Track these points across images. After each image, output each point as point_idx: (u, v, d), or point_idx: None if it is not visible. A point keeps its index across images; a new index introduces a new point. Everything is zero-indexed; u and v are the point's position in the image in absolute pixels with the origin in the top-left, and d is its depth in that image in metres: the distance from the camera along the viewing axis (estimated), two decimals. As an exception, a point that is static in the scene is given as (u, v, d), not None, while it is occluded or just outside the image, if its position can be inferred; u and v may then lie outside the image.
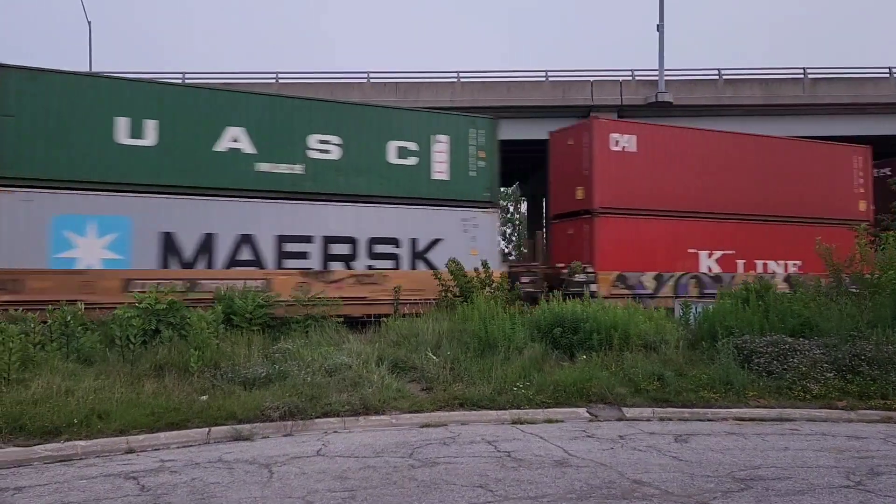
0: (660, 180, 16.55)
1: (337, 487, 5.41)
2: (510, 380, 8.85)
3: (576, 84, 27.33)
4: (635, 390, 8.87)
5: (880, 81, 27.42)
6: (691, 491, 5.37)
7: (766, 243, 17.68)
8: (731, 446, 6.88)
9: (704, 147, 17.48)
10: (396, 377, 9.01)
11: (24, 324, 9.21)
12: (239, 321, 10.78)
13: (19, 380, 7.91)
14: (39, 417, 6.86)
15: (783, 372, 9.21)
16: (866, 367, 9.23)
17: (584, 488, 5.39)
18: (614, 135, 16.19)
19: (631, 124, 17.49)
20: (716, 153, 17.52)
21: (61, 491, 5.39)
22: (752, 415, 8.29)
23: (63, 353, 9.06)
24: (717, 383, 9.02)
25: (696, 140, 17.51)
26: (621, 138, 16.22)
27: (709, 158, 17.32)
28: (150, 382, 8.31)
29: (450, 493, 5.26)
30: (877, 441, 7.18)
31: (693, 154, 17.16)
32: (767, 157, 18.12)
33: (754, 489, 5.42)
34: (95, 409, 7.17)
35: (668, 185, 16.69)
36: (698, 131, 18.31)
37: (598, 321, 10.35)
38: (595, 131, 16.10)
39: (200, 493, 5.29)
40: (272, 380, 8.50)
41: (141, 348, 9.36)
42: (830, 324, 10.49)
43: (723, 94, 27.06)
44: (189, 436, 7.00)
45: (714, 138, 18.03)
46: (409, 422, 7.74)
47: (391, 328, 11.09)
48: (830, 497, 5.23)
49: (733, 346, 9.73)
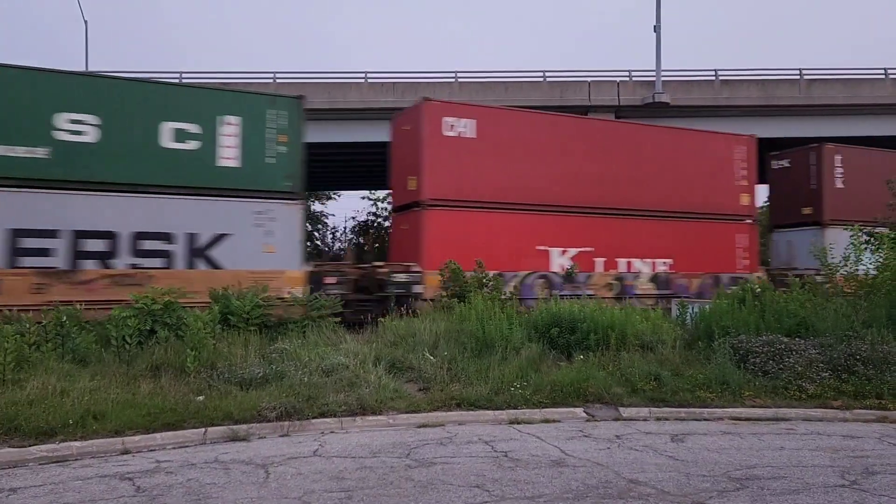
0: (504, 169, 14.89)
1: (333, 488, 5.41)
2: (507, 380, 8.85)
3: (573, 84, 27.35)
4: (632, 390, 8.88)
5: (876, 82, 27.51)
6: (687, 490, 5.38)
7: (631, 240, 16.26)
8: (727, 446, 6.90)
9: (559, 133, 15.82)
10: (393, 377, 9.00)
11: (19, 324, 9.18)
12: (236, 321, 10.76)
13: (14, 380, 7.88)
14: (34, 418, 6.83)
15: (779, 372, 9.23)
16: (861, 366, 9.25)
17: (581, 488, 5.40)
18: (449, 118, 14.43)
19: (471, 107, 15.54)
20: (573, 141, 15.92)
21: (56, 492, 5.37)
22: (748, 414, 8.30)
23: (58, 354, 9.03)
24: (713, 383, 9.03)
25: (548, 125, 15.84)
26: (458, 122, 14.49)
27: (565, 146, 15.70)
28: (146, 383, 8.29)
29: (446, 493, 5.26)
30: (872, 440, 7.20)
31: (545, 141, 15.49)
32: (634, 145, 16.63)
33: (750, 488, 5.44)
34: (91, 410, 7.15)
35: (514, 175, 14.98)
36: (551, 115, 16.68)
37: (595, 321, 10.36)
38: (425, 114, 14.32)
39: (196, 494, 5.28)
40: (269, 380, 8.49)
41: (137, 349, 9.33)
42: (826, 324, 10.52)
43: (720, 95, 27.11)
44: (185, 436, 6.98)
45: (571, 124, 16.56)
46: (406, 422, 7.74)
47: (389, 328, 11.09)
48: (826, 496, 5.25)
49: (729, 346, 9.75)
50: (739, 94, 27.15)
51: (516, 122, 15.48)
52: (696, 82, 27.55)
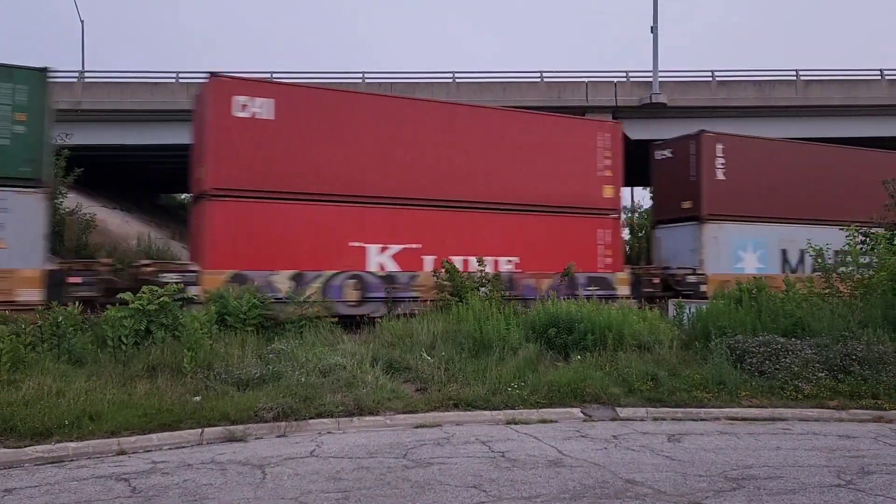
0: (310, 156, 13.03)
1: (330, 488, 5.40)
2: (505, 380, 8.85)
3: (571, 85, 27.40)
4: (629, 390, 8.89)
5: (872, 83, 27.60)
6: (684, 490, 5.38)
7: (469, 236, 14.22)
8: (723, 446, 6.91)
9: (383, 117, 13.86)
10: (391, 378, 9.00)
11: (14, 324, 9.15)
12: (233, 322, 10.74)
13: (10, 381, 7.85)
14: (30, 419, 6.81)
15: (775, 372, 9.25)
16: (857, 366, 9.28)
17: (578, 488, 5.40)
18: (240, 97, 12.52)
19: (269, 84, 13.88)
20: (401, 125, 13.95)
21: (52, 493, 5.36)
22: (744, 414, 8.32)
23: (54, 354, 9.00)
24: (709, 383, 9.05)
25: (368, 108, 13.91)
26: (252, 102, 12.60)
27: (390, 131, 13.79)
28: (142, 383, 8.27)
29: (443, 493, 5.26)
30: (867, 440, 7.22)
31: (364, 125, 13.55)
32: (476, 131, 14.62)
33: (746, 488, 5.45)
34: (87, 411, 7.13)
35: (323, 163, 13.11)
36: (372, 97, 14.98)
37: (592, 321, 10.38)
38: (212, 92, 12.50)
39: (192, 495, 5.27)
40: (266, 380, 8.47)
41: (133, 349, 9.31)
42: (822, 324, 10.54)
43: (716, 96, 27.17)
44: (181, 437, 6.96)
45: (397, 106, 14.53)
46: (404, 422, 7.73)
47: (386, 329, 11.08)
48: (821, 496, 5.26)
49: (726, 347, 9.77)
50: (736, 94, 27.22)
51: (327, 103, 13.43)
52: (693, 83, 27.62)
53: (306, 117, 13.15)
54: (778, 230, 17.83)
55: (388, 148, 13.78)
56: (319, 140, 13.19)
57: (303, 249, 12.82)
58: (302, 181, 12.95)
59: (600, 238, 15.58)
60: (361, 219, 13.46)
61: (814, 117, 27.35)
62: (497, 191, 14.66)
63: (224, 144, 12.45)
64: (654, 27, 26.94)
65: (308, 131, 13.12)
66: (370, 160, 13.58)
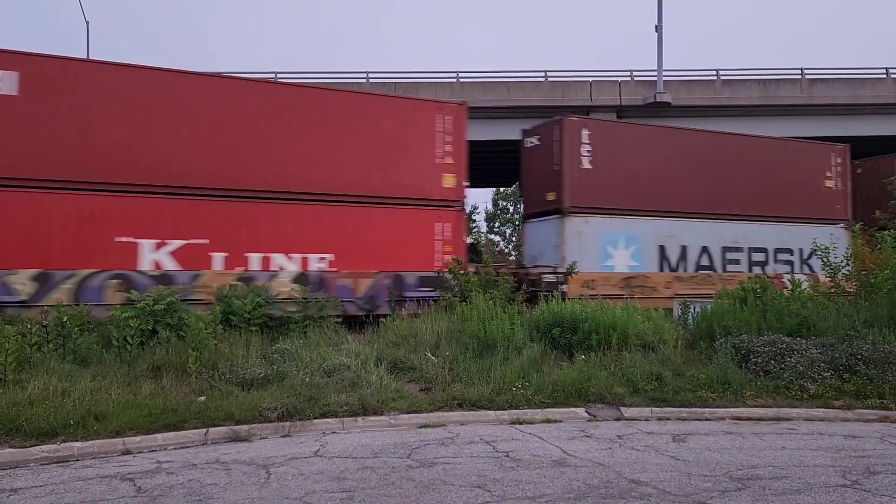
0: (65, 137, 11.30)
1: (335, 488, 5.40)
2: (509, 380, 8.84)
3: (575, 84, 27.39)
4: (633, 390, 8.88)
5: (878, 82, 27.50)
6: (689, 490, 5.37)
7: (271, 231, 12.55)
8: (728, 446, 6.89)
9: (159, 92, 12.03)
10: (395, 377, 9.00)
11: (20, 324, 9.19)
12: (238, 321, 10.76)
13: (15, 381, 7.89)
14: (35, 419, 6.84)
15: (780, 371, 9.22)
16: (863, 366, 9.24)
17: (582, 488, 5.39)
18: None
19: (12, 55, 11.28)
20: (190, 105, 12.22)
21: (57, 492, 5.37)
22: (749, 414, 8.29)
23: (60, 354, 9.04)
24: (714, 383, 9.03)
25: (140, 81, 11.95)
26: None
27: (174, 111, 12.06)
28: (147, 383, 8.29)
29: (448, 493, 5.25)
30: (873, 440, 7.19)
31: (140, 103, 11.82)
32: (277, 110, 12.83)
33: (751, 488, 5.43)
34: (92, 411, 7.15)
35: (83, 146, 11.41)
36: (143, 69, 12.16)
37: (596, 321, 10.36)
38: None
39: (197, 495, 5.28)
40: (270, 380, 8.49)
41: (138, 349, 9.33)
42: (827, 323, 10.51)
43: (721, 95, 27.12)
44: (186, 437, 6.98)
45: (184, 83, 12.39)
46: (408, 422, 7.73)
47: (390, 328, 11.09)
48: (827, 496, 5.23)
49: (731, 346, 9.74)
50: (741, 93, 27.17)
51: (92, 78, 11.65)
52: (697, 82, 27.58)
53: (63, 93, 11.38)
54: (655, 224, 16.04)
55: (169, 129, 11.98)
56: (78, 119, 11.45)
57: (53, 245, 11.13)
58: (53, 166, 11.21)
59: (438, 233, 13.84)
60: (132, 210, 11.66)
61: (819, 116, 27.29)
62: (308, 178, 12.87)
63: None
64: (659, 26, 26.90)
65: (64, 109, 11.39)
66: (145, 142, 11.80)
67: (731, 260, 16.79)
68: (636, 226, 15.89)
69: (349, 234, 13.11)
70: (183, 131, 12.11)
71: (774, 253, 17.28)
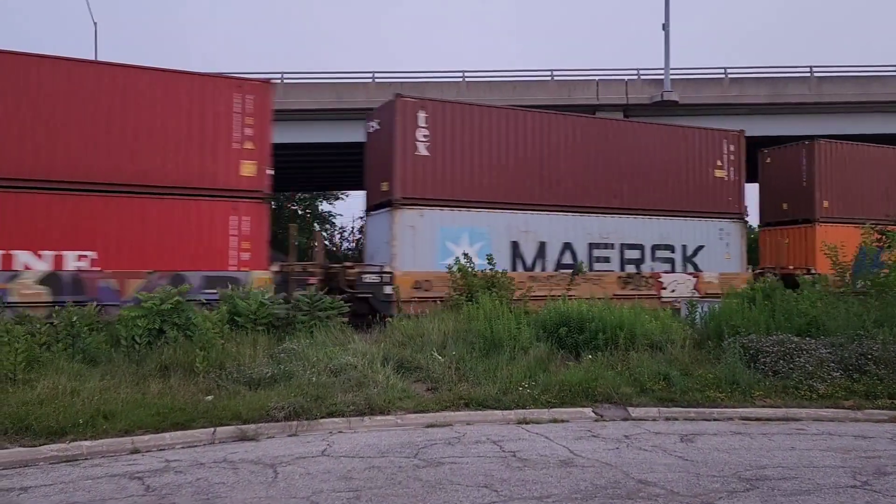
0: None
1: (342, 488, 5.41)
2: (515, 380, 8.83)
3: (581, 83, 27.29)
4: (641, 390, 8.84)
5: (887, 79, 27.27)
6: (697, 491, 5.34)
7: (13, 224, 11.09)
8: (736, 446, 6.85)
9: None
10: (402, 377, 9.01)
11: (29, 324, 9.26)
12: (243, 321, 10.80)
13: (25, 380, 7.94)
14: (45, 418, 6.88)
15: (789, 371, 9.17)
16: (873, 366, 9.18)
17: (590, 488, 5.38)
18: None
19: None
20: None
21: (66, 491, 5.41)
22: (758, 414, 8.25)
23: (69, 354, 9.10)
24: (723, 383, 8.98)
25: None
26: None
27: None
28: (155, 383, 8.34)
29: (454, 493, 5.25)
30: (884, 441, 7.13)
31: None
32: (28, 86, 11.26)
33: (760, 489, 5.40)
34: (101, 410, 7.19)
35: None
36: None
37: (603, 321, 10.34)
38: None
39: (205, 494, 5.30)
40: (277, 380, 8.51)
41: (146, 349, 9.39)
42: (837, 323, 10.44)
43: (728, 93, 26.96)
44: (194, 436, 7.01)
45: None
46: (415, 422, 7.73)
47: (396, 328, 11.10)
48: (837, 497, 5.20)
49: (739, 346, 9.69)
50: (749, 92, 26.99)
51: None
52: (705, 80, 27.43)
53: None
54: (507, 218, 14.51)
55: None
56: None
57: None
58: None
59: (234, 227, 12.44)
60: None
61: (828, 114, 27.08)
62: (63, 165, 11.32)
63: None
64: (666, 25, 26.77)
65: None
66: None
67: (600, 258, 15.22)
68: (484, 219, 14.37)
69: (119, 230, 11.66)
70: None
71: (652, 250, 15.70)
